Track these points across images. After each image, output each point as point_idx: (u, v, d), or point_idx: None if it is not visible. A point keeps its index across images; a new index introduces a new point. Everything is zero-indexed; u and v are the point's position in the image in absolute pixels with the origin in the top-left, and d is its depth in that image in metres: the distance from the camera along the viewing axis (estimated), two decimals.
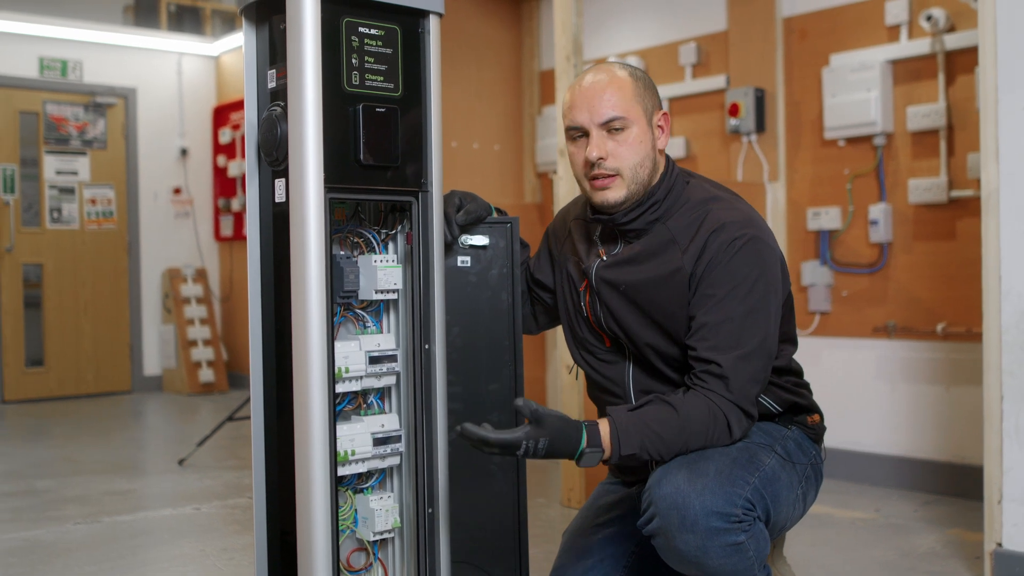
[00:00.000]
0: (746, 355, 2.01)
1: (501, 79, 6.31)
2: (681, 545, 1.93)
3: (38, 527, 4.05)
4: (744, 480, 1.98)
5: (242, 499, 4.50)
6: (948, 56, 4.36)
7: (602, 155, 2.11)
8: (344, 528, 2.11)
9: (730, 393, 2.00)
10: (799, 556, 3.44)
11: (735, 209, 2.13)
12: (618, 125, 2.10)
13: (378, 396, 2.15)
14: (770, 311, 2.06)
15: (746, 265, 2.05)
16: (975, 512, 3.87)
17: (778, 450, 2.13)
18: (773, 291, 2.08)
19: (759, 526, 2.01)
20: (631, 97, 2.12)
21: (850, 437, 4.64)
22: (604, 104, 2.10)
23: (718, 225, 2.08)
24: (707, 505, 1.91)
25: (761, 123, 4.91)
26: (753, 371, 2.03)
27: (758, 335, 2.03)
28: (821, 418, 2.31)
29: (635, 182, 2.13)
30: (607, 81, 2.13)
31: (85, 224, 8.21)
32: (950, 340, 4.37)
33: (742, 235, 2.06)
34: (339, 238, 2.09)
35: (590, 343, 2.29)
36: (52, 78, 8.04)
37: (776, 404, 2.21)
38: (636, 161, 2.12)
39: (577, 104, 2.14)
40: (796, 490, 2.15)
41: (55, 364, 8.07)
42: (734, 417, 2.01)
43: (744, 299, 2.03)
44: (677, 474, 1.95)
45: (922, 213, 4.46)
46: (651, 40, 5.61)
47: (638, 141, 2.12)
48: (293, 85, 1.88)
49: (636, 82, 2.14)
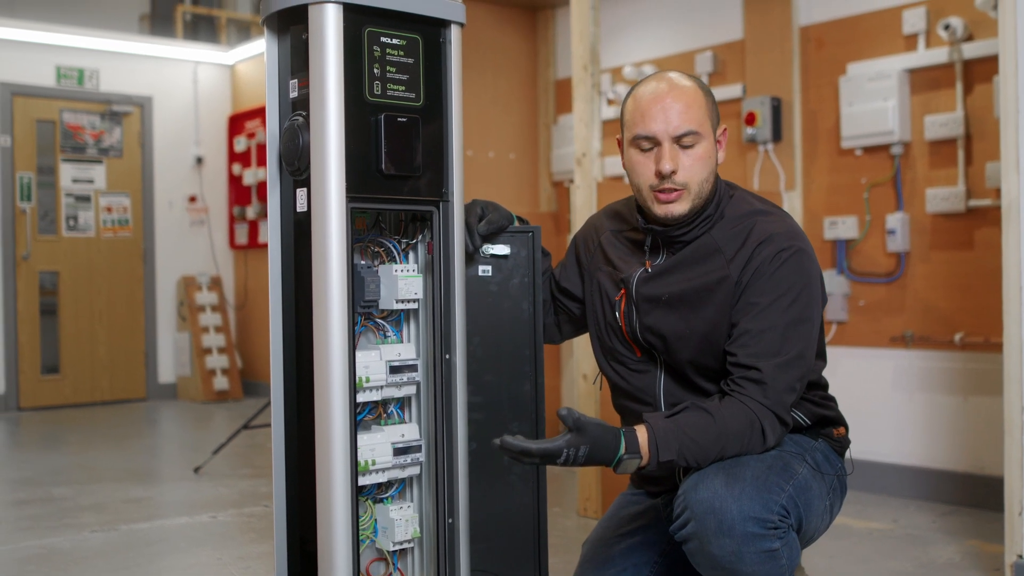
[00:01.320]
0: (785, 363, 2.02)
1: (517, 88, 6.32)
2: (716, 550, 1.92)
3: (55, 535, 4.06)
4: (780, 487, 1.99)
5: (258, 507, 4.51)
6: (966, 65, 4.35)
7: (675, 168, 2.09)
8: (364, 538, 2.11)
9: (767, 399, 2.01)
10: (817, 567, 3.42)
11: (781, 222, 2.14)
12: (690, 141, 2.09)
13: (398, 406, 2.15)
14: (812, 323, 2.08)
15: (791, 276, 2.06)
16: (994, 523, 3.85)
17: (808, 460, 2.13)
18: (815, 304, 2.09)
19: (792, 535, 2.00)
20: (704, 111, 2.11)
21: (867, 447, 4.62)
22: (682, 117, 2.08)
23: (765, 236, 2.09)
24: (744, 510, 1.91)
25: (778, 132, 4.91)
26: (790, 380, 2.03)
27: (798, 345, 2.04)
28: (847, 431, 2.30)
29: (699, 196, 2.12)
30: (683, 93, 2.10)
31: (101, 232, 8.25)
32: (968, 350, 4.35)
33: (789, 247, 2.07)
34: (360, 247, 2.09)
35: (620, 353, 2.28)
36: (69, 87, 8.08)
37: (806, 417, 2.20)
38: (704, 176, 2.11)
39: (651, 113, 2.09)
40: (825, 500, 2.15)
41: (70, 371, 8.10)
42: (769, 424, 2.01)
43: (788, 309, 2.04)
44: (714, 479, 1.95)
45: (940, 222, 4.44)
46: (667, 49, 5.61)
47: (707, 156, 2.11)
48: (315, 95, 1.89)
49: (706, 96, 2.14)
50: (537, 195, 6.33)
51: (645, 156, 2.12)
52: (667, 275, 2.16)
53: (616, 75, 5.81)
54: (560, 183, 6.25)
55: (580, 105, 4.26)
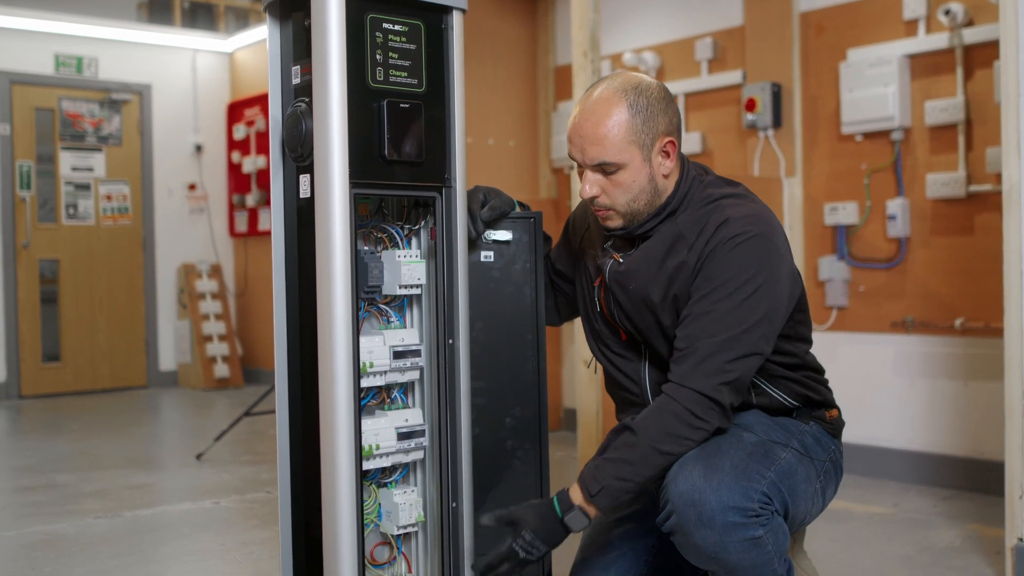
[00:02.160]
0: (719, 343, 1.99)
1: (516, 75, 6.31)
2: (699, 541, 1.94)
3: (60, 521, 4.07)
4: (760, 474, 1.99)
5: (260, 493, 4.52)
6: (966, 50, 4.34)
7: (595, 194, 2.12)
8: (368, 522, 2.12)
9: (692, 380, 1.98)
10: (818, 551, 3.44)
11: (744, 206, 2.11)
12: (610, 170, 2.09)
13: (402, 391, 2.16)
14: (759, 307, 2.02)
15: (743, 261, 2.02)
16: (995, 508, 3.87)
17: (795, 445, 2.13)
18: (770, 287, 2.03)
19: (777, 520, 2.01)
20: (624, 139, 2.06)
21: (868, 432, 4.64)
22: (595, 149, 2.08)
23: (723, 220, 2.07)
24: (723, 500, 1.92)
25: (778, 118, 4.91)
26: (724, 361, 1.98)
27: (736, 328, 1.99)
28: (839, 413, 2.30)
29: (630, 213, 2.13)
30: (598, 122, 2.07)
31: (101, 220, 8.25)
32: (968, 335, 4.36)
33: (745, 231, 2.04)
34: (363, 233, 2.10)
35: (606, 336, 2.29)
36: (67, 75, 8.07)
37: (790, 398, 2.20)
38: (629, 198, 2.11)
39: (572, 140, 2.12)
40: (814, 484, 2.15)
41: (71, 359, 8.11)
42: (697, 405, 1.98)
43: (732, 294, 2.01)
44: (692, 470, 1.96)
45: (940, 208, 4.45)
46: (667, 35, 5.60)
47: (631, 180, 2.10)
48: (318, 81, 1.89)
49: (633, 117, 2.07)
50: (537, 182, 6.33)
51: (581, 177, 2.16)
52: (636, 263, 2.16)
53: (616, 61, 5.81)
54: (560, 170, 6.25)
55: (579, 92, 4.26)
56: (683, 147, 2.25)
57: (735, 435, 2.08)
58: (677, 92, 5.49)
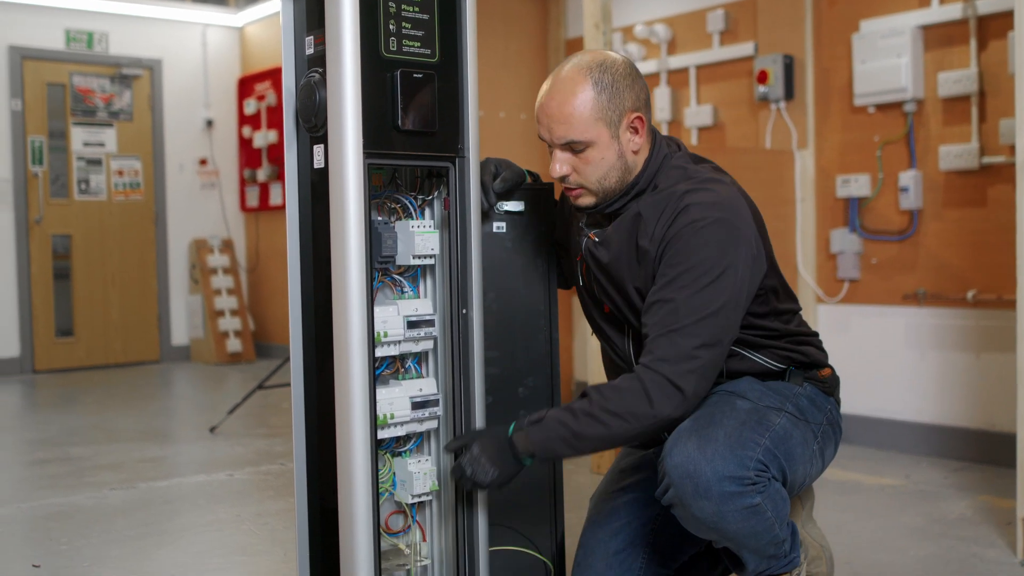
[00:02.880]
0: (682, 330, 1.97)
1: (527, 48, 6.29)
2: (698, 512, 1.96)
3: (76, 493, 4.11)
4: (754, 442, 2.00)
5: (274, 465, 4.55)
6: (980, 21, 4.32)
7: (564, 173, 2.11)
8: (383, 491, 2.13)
9: (658, 363, 1.97)
10: (829, 521, 3.45)
11: (705, 190, 2.07)
12: (578, 148, 2.08)
13: (416, 360, 2.17)
14: (721, 294, 1.99)
15: (701, 248, 2.00)
16: (1006, 479, 3.87)
17: (789, 408, 2.13)
18: (731, 273, 2.01)
19: (775, 486, 2.02)
20: (590, 117, 2.05)
21: (879, 404, 4.64)
22: (561, 128, 2.07)
23: (683, 207, 2.04)
24: (718, 470, 1.93)
25: (790, 90, 4.89)
26: (689, 348, 1.96)
27: (699, 313, 1.98)
28: (832, 370, 2.30)
29: (602, 190, 2.12)
30: (563, 101, 2.06)
31: (112, 195, 8.27)
32: (980, 307, 4.36)
33: (704, 217, 2.01)
34: (377, 204, 2.11)
35: (591, 308, 2.31)
36: (78, 50, 8.07)
37: (776, 362, 2.20)
38: (599, 175, 2.10)
39: (540, 120, 2.10)
40: (811, 446, 2.15)
41: (84, 334, 8.15)
42: (656, 388, 1.95)
43: (694, 281, 1.99)
44: (687, 443, 1.97)
45: (953, 180, 4.43)
46: (679, 7, 5.58)
47: (599, 158, 2.09)
48: (332, 51, 1.89)
49: (598, 95, 2.05)
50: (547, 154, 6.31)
51: (551, 156, 2.14)
52: (607, 242, 2.16)
53: (627, 34, 5.79)
54: None
55: None
56: (695, 120, 2.25)
57: (728, 403, 2.09)
58: (688, 64, 5.47)
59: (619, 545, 2.30)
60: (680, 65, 5.50)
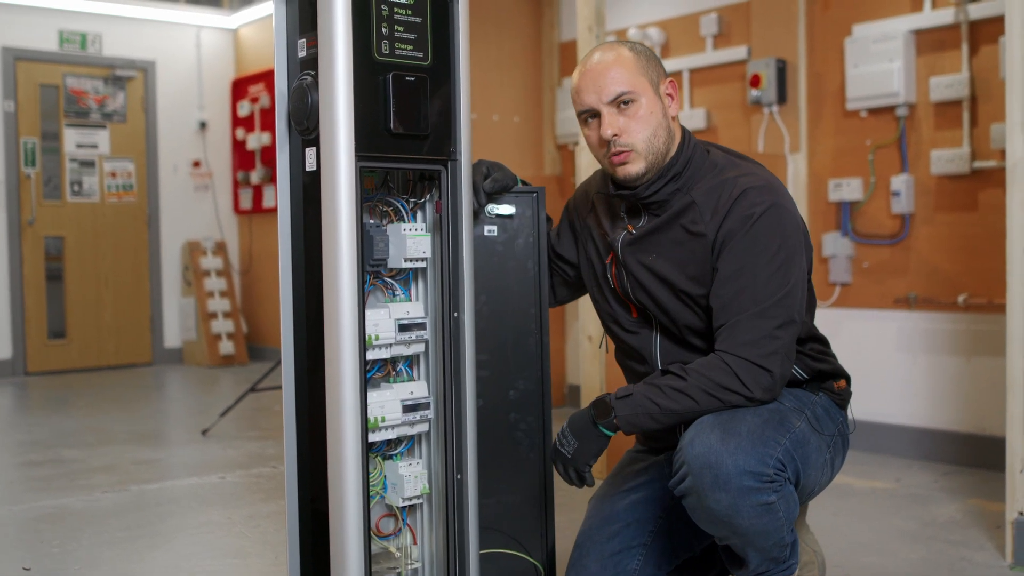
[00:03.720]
0: (761, 312, 2.04)
1: (521, 51, 6.30)
2: (713, 504, 1.96)
3: (67, 495, 4.10)
4: (776, 441, 2.01)
5: (266, 468, 4.55)
6: (972, 26, 4.33)
7: (616, 132, 2.14)
8: (374, 494, 2.13)
9: (741, 348, 2.03)
10: (821, 525, 3.46)
11: (755, 175, 2.15)
12: (627, 99, 2.13)
13: (407, 363, 2.17)
14: (790, 276, 2.08)
15: (767, 233, 2.07)
16: (996, 483, 3.88)
17: (807, 414, 2.15)
18: (794, 256, 2.10)
19: (789, 488, 2.03)
20: (635, 70, 2.15)
21: (871, 408, 4.65)
22: (610, 81, 2.13)
23: (740, 192, 2.10)
24: (740, 464, 1.94)
25: (783, 94, 4.90)
26: (769, 329, 2.03)
27: (776, 295, 2.05)
28: (848, 383, 2.32)
29: (651, 152, 2.15)
30: (610, 60, 2.15)
31: (105, 197, 8.26)
32: (971, 311, 4.37)
33: (763, 201, 2.08)
34: (368, 207, 2.11)
35: (618, 313, 2.31)
36: (72, 51, 8.06)
37: (803, 371, 2.23)
38: (649, 133, 2.15)
39: (584, 87, 2.16)
40: (824, 455, 2.17)
41: (77, 336, 8.14)
42: (746, 372, 2.02)
43: (765, 265, 2.06)
44: (710, 434, 1.98)
45: (944, 184, 4.45)
46: (672, 11, 5.59)
47: (648, 112, 2.15)
48: (324, 54, 1.89)
49: (637, 56, 2.17)
50: (542, 158, 6.33)
51: (590, 127, 2.19)
52: (649, 237, 2.19)
53: (621, 36, 5.80)
54: (564, 146, 6.25)
55: None
56: (689, 123, 2.29)
57: None
58: (682, 68, 5.48)
59: (616, 547, 2.31)
60: (674, 68, 5.51)
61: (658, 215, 2.19)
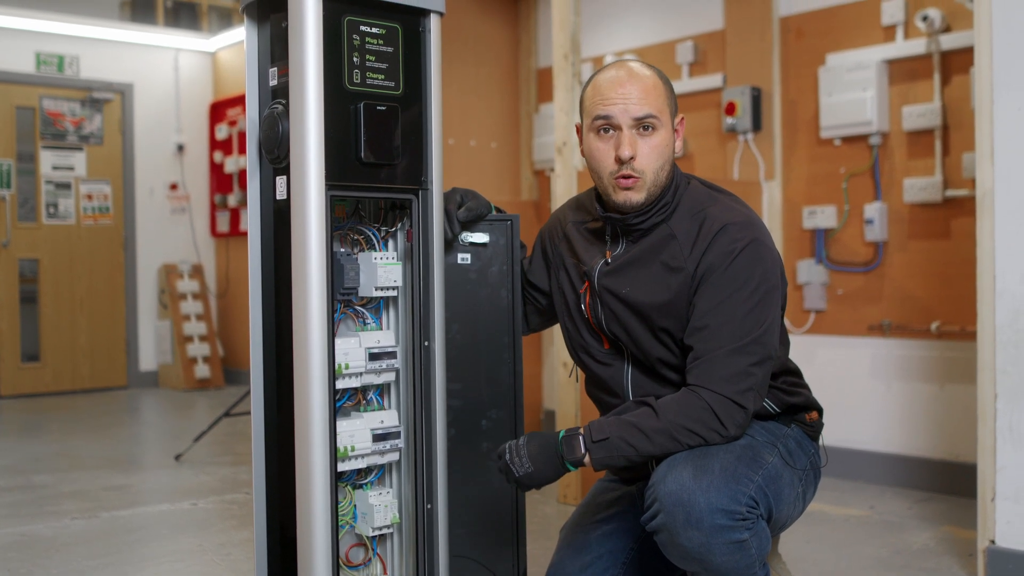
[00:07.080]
0: (738, 349, 2.02)
1: (498, 77, 6.32)
2: (685, 542, 1.94)
3: (36, 522, 4.06)
4: (748, 478, 2.00)
5: (239, 495, 4.51)
6: (944, 56, 4.38)
7: (634, 154, 2.09)
8: (343, 524, 2.12)
9: (718, 383, 2.01)
10: (794, 553, 3.46)
11: (735, 211, 2.14)
12: (650, 123, 2.10)
13: (378, 392, 2.17)
14: (767, 313, 2.06)
15: (747, 268, 2.06)
16: (968, 510, 3.90)
17: (780, 448, 2.14)
18: (773, 293, 2.09)
19: (762, 524, 2.02)
20: (663, 97, 2.13)
21: (845, 435, 4.66)
22: (641, 101, 2.09)
23: (720, 227, 2.09)
24: (712, 502, 1.93)
25: (757, 122, 4.93)
26: (745, 365, 2.02)
27: (753, 332, 2.03)
28: (820, 415, 2.31)
29: (655, 185, 2.13)
30: (646, 77, 2.12)
31: (81, 219, 8.22)
32: (944, 339, 4.39)
33: (743, 237, 2.07)
34: (339, 235, 2.11)
35: (589, 345, 2.29)
36: (49, 73, 8.04)
37: (775, 405, 2.22)
38: (659, 165, 2.12)
39: (611, 97, 2.10)
40: (796, 488, 2.16)
41: (51, 359, 8.07)
42: (722, 408, 2.00)
43: (744, 302, 2.04)
44: (683, 471, 1.96)
45: (917, 212, 4.48)
46: (648, 39, 5.62)
47: (664, 145, 2.12)
48: (295, 83, 1.89)
49: (665, 85, 2.15)
50: (519, 184, 6.34)
51: (605, 143, 2.12)
52: (627, 268, 2.17)
53: (597, 64, 5.82)
54: (541, 172, 6.26)
55: (561, 94, 4.27)
56: None
57: None
58: None
59: None
60: None
61: (635, 243, 2.18)
